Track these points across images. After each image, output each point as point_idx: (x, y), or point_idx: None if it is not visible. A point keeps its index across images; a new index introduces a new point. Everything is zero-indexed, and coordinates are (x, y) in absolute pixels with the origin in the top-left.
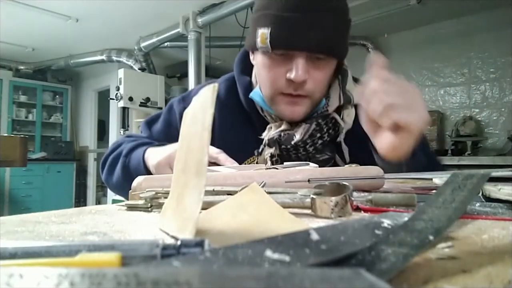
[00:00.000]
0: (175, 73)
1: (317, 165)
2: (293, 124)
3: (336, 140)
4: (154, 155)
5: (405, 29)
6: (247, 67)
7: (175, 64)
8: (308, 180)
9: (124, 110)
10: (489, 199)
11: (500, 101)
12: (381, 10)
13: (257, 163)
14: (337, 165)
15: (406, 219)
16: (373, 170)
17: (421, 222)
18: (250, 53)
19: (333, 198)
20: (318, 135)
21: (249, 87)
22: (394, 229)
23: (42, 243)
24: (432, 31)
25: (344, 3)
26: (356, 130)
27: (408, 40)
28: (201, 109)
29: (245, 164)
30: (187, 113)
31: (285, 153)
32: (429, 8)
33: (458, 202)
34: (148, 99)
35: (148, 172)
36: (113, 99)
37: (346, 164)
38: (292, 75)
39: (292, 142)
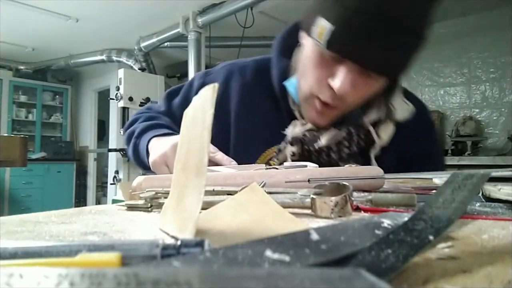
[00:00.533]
0: (175, 73)
1: (317, 165)
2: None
3: (368, 154)
4: (154, 149)
5: None
6: (288, 49)
7: (175, 64)
8: (308, 180)
9: (124, 110)
10: (489, 199)
11: (500, 101)
12: None
13: (277, 159)
14: None
15: (406, 219)
16: (373, 170)
17: (421, 222)
18: (302, 31)
19: (333, 198)
20: (346, 143)
21: (286, 72)
22: (394, 229)
23: (42, 243)
24: (432, 31)
25: (428, 24)
26: (393, 150)
27: None
28: (201, 109)
29: (263, 155)
30: (187, 113)
31: (306, 154)
32: None
33: (458, 202)
34: (148, 99)
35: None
36: (113, 99)
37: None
38: (336, 85)
39: (316, 146)
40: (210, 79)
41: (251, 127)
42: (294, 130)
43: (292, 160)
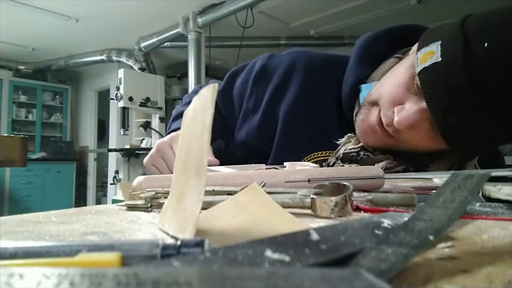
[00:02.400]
0: (175, 73)
1: (317, 165)
2: (376, 149)
3: None
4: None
5: None
6: (371, 56)
7: (175, 64)
8: (308, 180)
9: (124, 110)
10: (489, 199)
11: None
12: (381, 10)
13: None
14: None
15: (406, 219)
16: (373, 170)
17: (421, 222)
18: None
19: (333, 198)
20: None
21: (362, 81)
22: (394, 229)
23: (42, 243)
24: None
25: None
26: None
27: None
28: (201, 109)
29: (305, 159)
30: (187, 113)
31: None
32: (429, 8)
33: (458, 202)
34: (148, 99)
35: None
36: (113, 99)
37: None
38: (396, 116)
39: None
40: (274, 63)
41: (301, 125)
42: (346, 144)
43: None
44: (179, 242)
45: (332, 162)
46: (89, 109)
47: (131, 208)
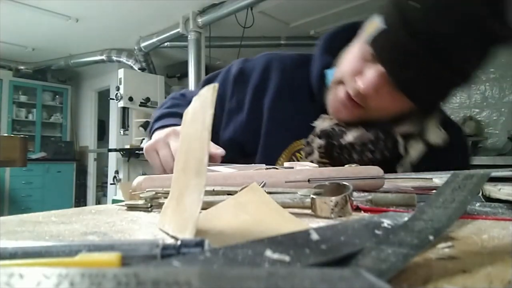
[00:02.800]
0: (175, 73)
1: (317, 165)
2: (349, 124)
3: (393, 167)
4: (153, 137)
5: None
6: (332, 48)
7: (175, 64)
8: (308, 180)
9: (124, 110)
10: (489, 199)
11: (500, 101)
12: None
13: (304, 152)
14: None
15: (406, 219)
16: (373, 170)
17: (421, 222)
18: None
19: (333, 198)
20: (371, 147)
21: (327, 67)
22: (394, 229)
23: (42, 243)
24: None
25: (477, 69)
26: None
27: None
28: (201, 109)
29: (291, 146)
30: (187, 113)
31: (329, 148)
32: None
33: (458, 202)
34: (148, 99)
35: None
36: (113, 99)
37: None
38: (360, 83)
39: (342, 142)
40: (249, 66)
41: (284, 117)
42: (323, 123)
43: (319, 153)
44: (179, 242)
45: (311, 139)
46: (89, 109)
47: (131, 208)
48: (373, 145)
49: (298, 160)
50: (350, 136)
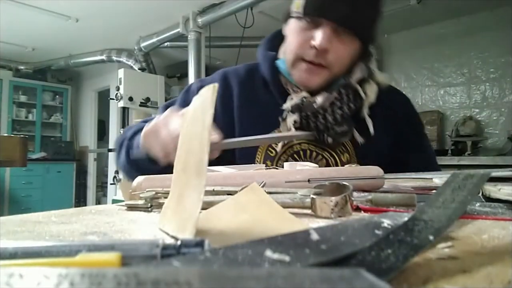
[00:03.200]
0: (175, 73)
1: (316, 165)
2: (314, 93)
3: (360, 115)
4: (146, 127)
5: (405, 29)
6: (273, 46)
7: (175, 64)
8: (308, 180)
9: (124, 110)
10: (489, 199)
11: (500, 101)
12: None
13: (280, 131)
14: (355, 140)
15: (406, 219)
16: (373, 170)
17: (421, 222)
18: (284, 24)
19: (333, 198)
20: (339, 104)
21: (274, 61)
22: (394, 229)
23: (42, 243)
24: (432, 31)
25: None
26: (381, 99)
27: (408, 40)
28: (201, 109)
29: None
30: (187, 113)
31: (305, 121)
32: (429, 8)
33: (458, 202)
34: (148, 99)
35: (150, 158)
36: (113, 99)
37: (364, 139)
38: (316, 42)
39: (315, 106)
40: (207, 82)
41: (252, 118)
42: (291, 101)
43: (295, 128)
44: (179, 242)
45: (285, 115)
46: (89, 109)
47: (131, 208)
48: (339, 101)
49: (273, 154)
50: (319, 99)
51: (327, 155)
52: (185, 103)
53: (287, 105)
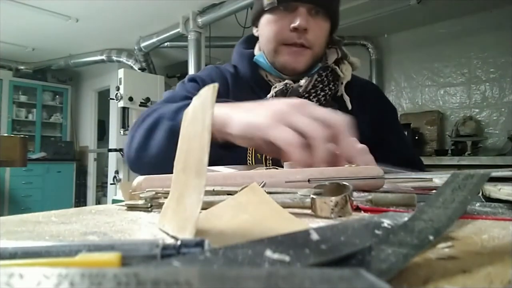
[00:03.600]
0: (175, 73)
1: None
2: (295, 80)
3: (337, 94)
4: (237, 117)
5: (405, 29)
6: (249, 47)
7: (175, 64)
8: (308, 180)
9: (124, 110)
10: (489, 199)
11: (500, 101)
12: (381, 10)
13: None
14: None
15: (406, 219)
16: (373, 170)
17: (421, 222)
18: (254, 28)
19: (333, 198)
20: (320, 86)
21: (252, 56)
22: (394, 229)
23: (42, 243)
24: (432, 31)
25: None
26: (354, 84)
27: (408, 40)
28: (201, 109)
29: None
30: (187, 113)
31: None
32: (429, 8)
33: (458, 202)
34: (148, 99)
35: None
36: (113, 99)
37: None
38: (295, 23)
39: (300, 90)
40: (200, 76)
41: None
42: (274, 89)
43: None
44: (179, 242)
45: (272, 96)
46: (89, 109)
47: (131, 208)
48: (321, 82)
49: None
50: (302, 82)
51: None
52: (183, 89)
53: (271, 93)
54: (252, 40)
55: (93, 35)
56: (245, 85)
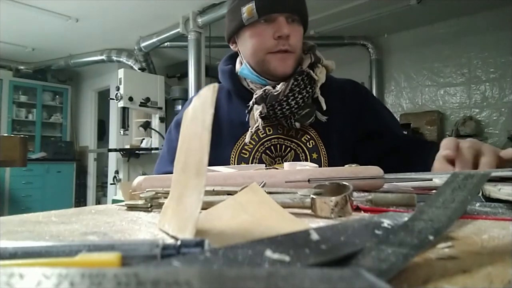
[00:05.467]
0: (175, 73)
1: (316, 165)
2: (274, 86)
3: (313, 96)
4: None
5: (405, 29)
6: (230, 64)
7: (175, 64)
8: (308, 180)
9: (124, 110)
10: (489, 199)
11: (500, 101)
12: (381, 10)
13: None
14: (318, 120)
15: (406, 219)
16: (373, 170)
17: (421, 222)
18: (231, 44)
19: (333, 198)
20: (297, 89)
21: (233, 71)
22: (394, 229)
23: (42, 243)
24: (432, 31)
25: None
26: (329, 84)
27: (408, 40)
28: (201, 109)
29: (235, 148)
30: (187, 113)
31: (271, 111)
32: (429, 8)
33: (458, 202)
34: (148, 99)
35: None
36: (113, 99)
37: (325, 117)
38: (280, 32)
39: (277, 94)
40: (181, 114)
41: (220, 132)
42: (255, 96)
43: (261, 118)
44: (179, 242)
45: (250, 107)
46: (89, 109)
47: (131, 208)
48: (297, 86)
49: (246, 156)
50: (278, 87)
51: (294, 145)
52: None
53: (252, 99)
54: (232, 57)
55: (93, 35)
56: (227, 99)
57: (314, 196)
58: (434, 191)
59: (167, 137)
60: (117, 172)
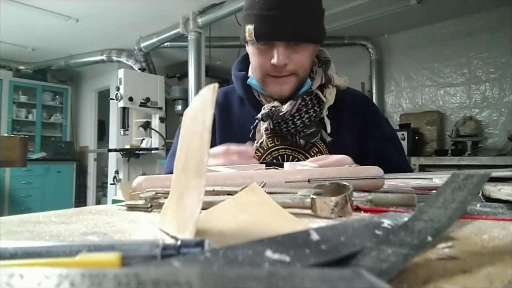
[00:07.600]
0: (175, 73)
1: (316, 165)
2: (283, 102)
3: (321, 115)
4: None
5: (405, 29)
6: (244, 67)
7: (175, 64)
8: (308, 180)
9: (124, 110)
10: (489, 199)
11: (500, 101)
12: (381, 10)
13: (254, 138)
14: (323, 139)
15: (406, 219)
16: (373, 170)
17: (421, 222)
18: (246, 44)
19: (333, 198)
20: (304, 109)
21: (246, 78)
22: (394, 229)
23: (42, 243)
24: (432, 31)
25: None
26: (337, 106)
27: (408, 40)
28: (201, 109)
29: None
30: (187, 113)
31: (277, 128)
32: (429, 8)
33: (458, 202)
34: (148, 99)
35: None
36: (113, 99)
37: (330, 138)
38: (274, 61)
39: (280, 114)
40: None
41: (231, 135)
42: (262, 111)
43: (267, 136)
44: (179, 242)
45: (256, 123)
46: (89, 109)
47: (131, 208)
48: (304, 106)
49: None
50: (284, 107)
51: (302, 157)
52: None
53: (259, 115)
54: (246, 59)
55: (93, 35)
56: (239, 104)
57: (314, 196)
58: (434, 191)
59: (177, 133)
60: (117, 172)
